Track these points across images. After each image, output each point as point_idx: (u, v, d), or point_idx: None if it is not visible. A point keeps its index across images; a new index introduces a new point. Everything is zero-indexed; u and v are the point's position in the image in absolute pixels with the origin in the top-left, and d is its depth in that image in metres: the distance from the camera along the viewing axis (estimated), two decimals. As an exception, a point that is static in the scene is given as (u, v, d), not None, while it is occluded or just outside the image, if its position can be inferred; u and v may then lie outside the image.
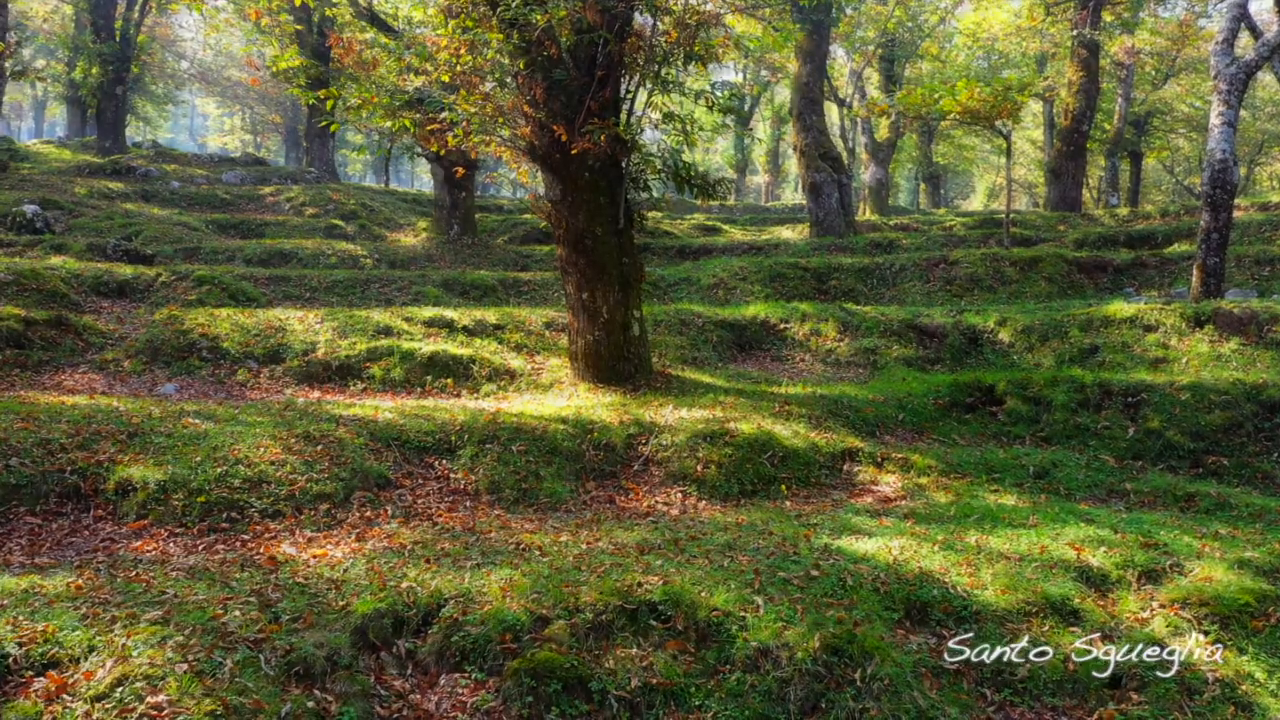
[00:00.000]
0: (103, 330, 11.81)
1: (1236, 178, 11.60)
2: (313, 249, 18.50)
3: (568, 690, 4.35)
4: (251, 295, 14.08)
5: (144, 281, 13.98)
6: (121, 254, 16.79)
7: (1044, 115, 40.69)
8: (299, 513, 6.34)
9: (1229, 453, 8.10)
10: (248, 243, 19.14)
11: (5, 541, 5.75)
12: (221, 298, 13.69)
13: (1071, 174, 25.12)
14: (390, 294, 14.82)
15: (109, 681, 3.87)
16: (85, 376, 10.39)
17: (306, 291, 14.73)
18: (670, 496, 7.49)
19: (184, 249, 18.36)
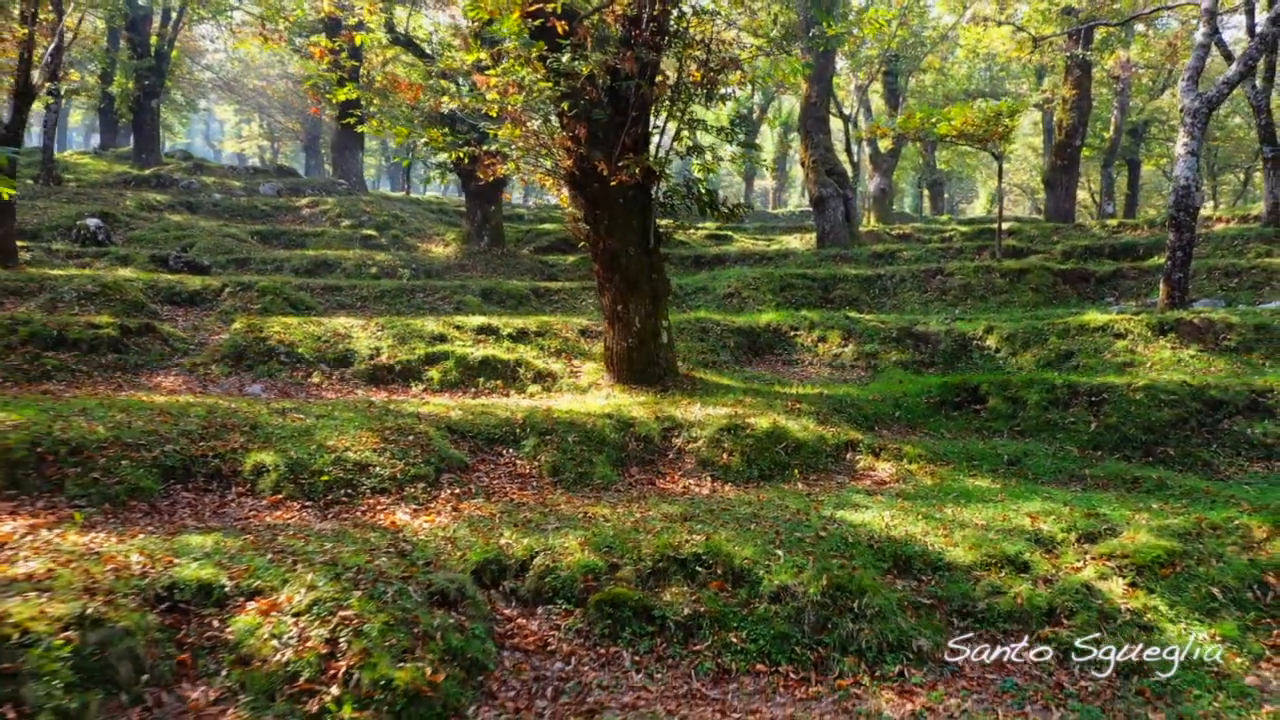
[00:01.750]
0: (183, 337, 13.27)
1: (1198, 201, 12.98)
2: (355, 259, 19.93)
3: (636, 616, 5.78)
4: (309, 304, 15.53)
5: (211, 292, 15.42)
6: (182, 265, 18.27)
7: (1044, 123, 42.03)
8: (401, 490, 7.78)
9: (1175, 444, 9.49)
10: (292, 253, 20.58)
11: (174, 510, 7.19)
12: (283, 306, 15.14)
13: (1065, 186, 26.49)
14: (434, 303, 16.26)
15: (306, 603, 5.30)
16: (179, 378, 11.82)
17: (357, 301, 16.17)
18: (700, 480, 8.92)
19: (235, 259, 19.81)
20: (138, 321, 12.99)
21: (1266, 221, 18.72)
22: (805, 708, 5.17)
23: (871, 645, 5.65)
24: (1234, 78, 13.08)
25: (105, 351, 12.08)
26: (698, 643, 5.69)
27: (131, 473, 7.39)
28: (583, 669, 5.49)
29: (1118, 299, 15.90)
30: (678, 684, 5.40)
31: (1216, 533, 6.80)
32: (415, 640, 5.17)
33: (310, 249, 21.43)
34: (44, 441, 7.45)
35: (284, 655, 4.98)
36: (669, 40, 11.36)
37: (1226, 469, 9.05)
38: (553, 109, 11.15)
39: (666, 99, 11.66)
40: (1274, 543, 6.66)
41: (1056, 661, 5.61)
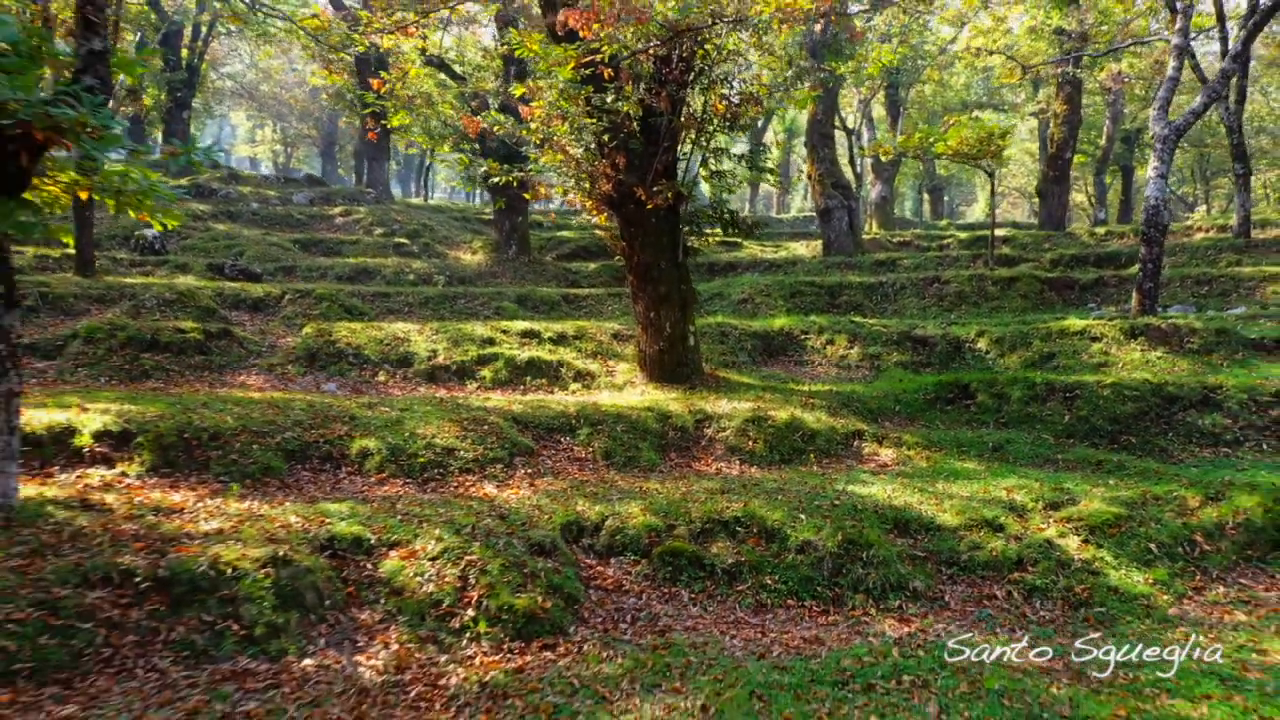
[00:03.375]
0: (255, 340, 14.79)
1: (1167, 219, 14.49)
2: (393, 267, 21.47)
3: (690, 564, 7.33)
4: (363, 310, 17.07)
5: (273, 299, 16.96)
6: (237, 273, 19.81)
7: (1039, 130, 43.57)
8: (483, 469, 9.31)
9: (1136, 433, 11.00)
10: (334, 261, 22.11)
11: (301, 485, 8.72)
12: (339, 312, 16.67)
13: (1056, 196, 28.02)
14: (474, 308, 17.79)
15: (437, 550, 6.83)
16: (260, 377, 13.35)
17: (404, 307, 17.71)
18: (730, 463, 10.45)
19: (282, 267, 21.34)
20: (217, 326, 14.51)
21: (1237, 233, 20.26)
22: (826, 630, 6.70)
23: (877, 585, 7.19)
24: (1199, 108, 14.59)
25: (193, 353, 13.62)
26: (740, 584, 7.23)
27: (262, 455, 8.93)
28: (651, 603, 7.03)
29: (1099, 305, 17.41)
30: (725, 614, 6.94)
31: (1158, 502, 8.34)
32: (526, 578, 6.71)
33: (349, 257, 22.94)
34: (188, 430, 8.99)
35: (427, 588, 6.52)
36: (696, 77, 12.88)
37: (1179, 454, 10.58)
38: (593, 140, 12.65)
39: (693, 130, 13.17)
40: (1204, 510, 8.20)
41: (1022, 598, 7.15)
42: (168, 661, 5.70)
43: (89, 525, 6.84)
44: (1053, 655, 6.01)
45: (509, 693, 5.45)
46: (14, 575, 5.87)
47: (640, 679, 5.67)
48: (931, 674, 5.63)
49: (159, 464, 8.66)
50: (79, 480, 8.32)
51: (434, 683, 5.64)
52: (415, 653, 6.02)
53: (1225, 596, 7.26)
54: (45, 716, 5.05)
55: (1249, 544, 7.87)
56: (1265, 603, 7.13)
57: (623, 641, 6.38)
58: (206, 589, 6.13)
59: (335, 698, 5.38)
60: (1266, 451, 10.42)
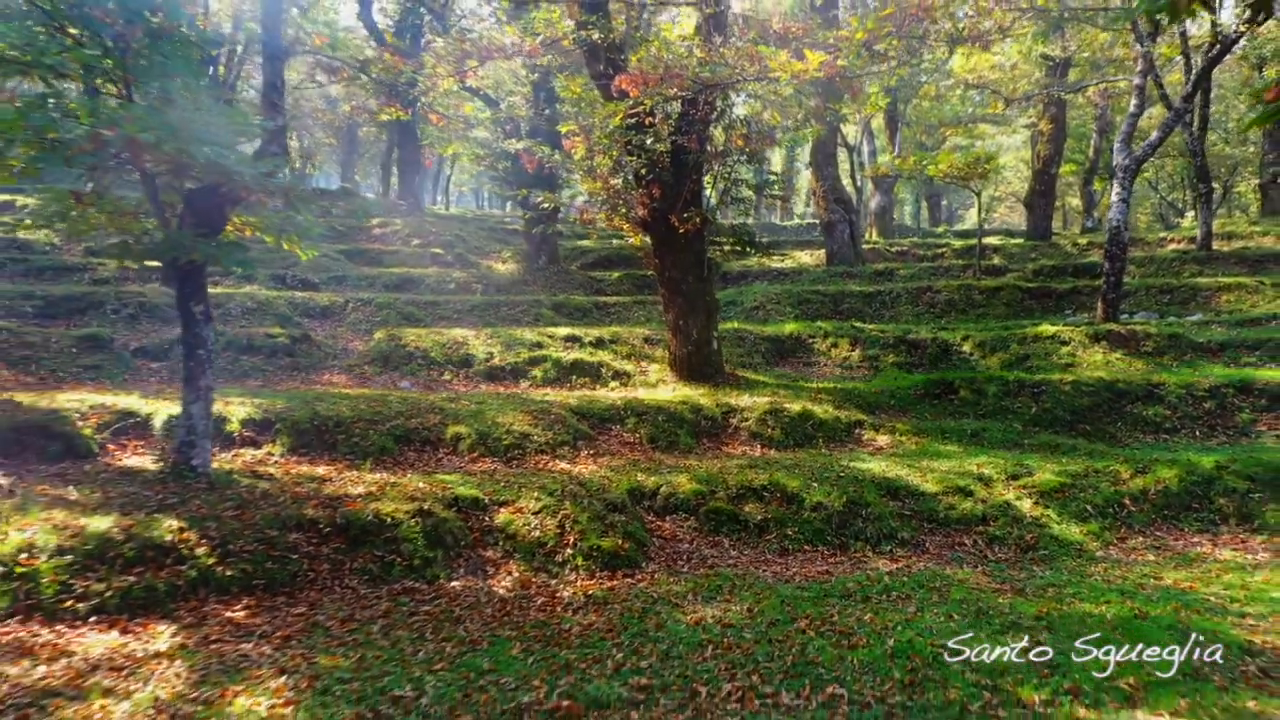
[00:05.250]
0: (329, 344, 16.92)
1: (1126, 238, 16.61)
2: (434, 276, 23.58)
3: (729, 519, 9.47)
4: (419, 317, 19.20)
5: (338, 307, 19.09)
6: (297, 282, 21.93)
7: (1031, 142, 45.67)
8: (554, 450, 11.45)
9: (1091, 422, 13.13)
10: (379, 271, 24.21)
11: (411, 462, 10.85)
12: (397, 319, 18.80)
13: (1042, 208, 30.14)
14: (516, 315, 19.92)
15: (537, 507, 8.97)
16: (342, 376, 15.48)
17: (454, 314, 19.83)
18: (753, 446, 12.59)
19: (334, 276, 23.44)
20: (299, 332, 16.66)
21: (1200, 246, 22.40)
22: (834, 566, 8.85)
23: (873, 535, 9.34)
24: (1156, 141, 16.70)
25: (282, 356, 15.76)
26: (768, 534, 9.38)
27: (377, 438, 11.08)
28: (701, 548, 9.18)
29: (1073, 312, 19.53)
30: (758, 556, 9.09)
31: (1097, 474, 10.49)
32: (606, 527, 8.85)
33: (391, 266, 25.05)
34: (316, 418, 11.14)
35: (534, 534, 8.67)
36: (719, 117, 15.01)
37: (1125, 439, 12.71)
38: (632, 173, 14.77)
39: (715, 162, 15.30)
40: (1134, 480, 10.35)
41: (985, 544, 9.30)
42: (355, 581, 7.86)
43: (270, 488, 9.00)
44: (1002, 581, 8.15)
45: (609, 601, 7.60)
46: (236, 521, 8.02)
47: (700, 594, 7.81)
48: (912, 590, 7.78)
49: (296, 445, 10.82)
50: (236, 458, 10.50)
51: (551, 595, 7.79)
52: (532, 578, 8.18)
53: (1142, 544, 9.42)
54: (284, 614, 7.19)
55: (1166, 506, 10.03)
56: (1171, 548, 9.29)
57: (682, 573, 8.53)
58: (374, 532, 8.29)
59: (484, 605, 7.52)
60: (1198, 437, 12.57)
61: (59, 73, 6.93)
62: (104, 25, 7.46)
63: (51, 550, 7.11)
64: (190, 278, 8.91)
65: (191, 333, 8.92)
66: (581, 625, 7.00)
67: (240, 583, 7.47)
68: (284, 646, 6.45)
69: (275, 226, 9.53)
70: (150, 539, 7.46)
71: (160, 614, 6.96)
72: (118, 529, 7.48)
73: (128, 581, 7.10)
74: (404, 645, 6.50)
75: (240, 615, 7.04)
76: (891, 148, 38.05)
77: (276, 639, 6.60)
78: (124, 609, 6.92)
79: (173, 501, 8.26)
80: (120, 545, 7.33)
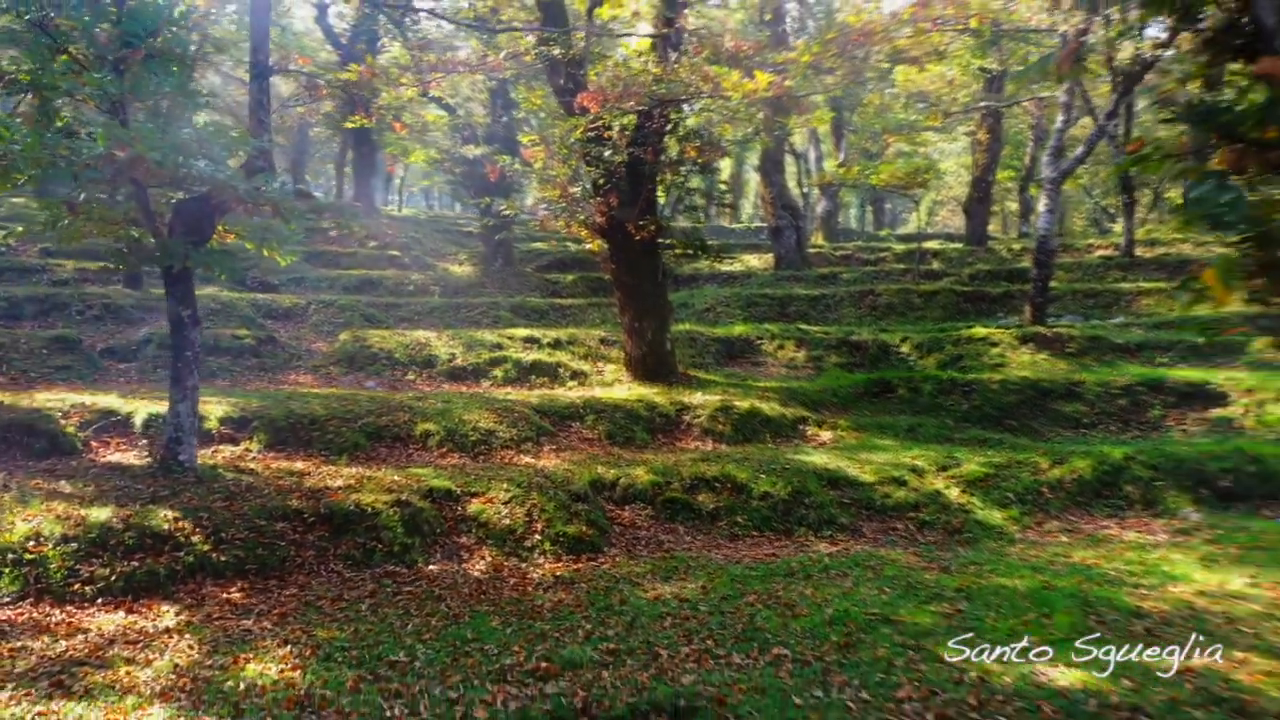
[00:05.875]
0: (293, 345, 17.40)
1: (1053, 247, 17.75)
2: (393, 278, 24.07)
3: (684, 508, 10.27)
4: (379, 318, 19.71)
5: (300, 308, 19.53)
6: (257, 284, 22.26)
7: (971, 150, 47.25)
8: (519, 445, 12.15)
9: (1017, 418, 14.17)
10: (338, 272, 24.60)
11: (383, 457, 11.46)
12: (359, 321, 19.30)
13: (979, 215, 31.46)
14: (475, 317, 20.53)
15: (507, 498, 9.67)
16: (308, 376, 15.98)
17: (414, 315, 20.37)
18: (705, 441, 13.38)
19: (293, 278, 23.75)
20: (264, 333, 17.13)
21: (1123, 253, 23.77)
22: (780, 549, 9.68)
23: (816, 521, 10.20)
24: (1081, 155, 17.86)
25: (248, 356, 16.23)
26: (719, 521, 10.19)
27: (351, 435, 11.68)
28: (657, 534, 9.95)
29: (1005, 315, 20.67)
30: (710, 541, 9.89)
31: (1019, 465, 11.48)
32: (571, 515, 9.59)
33: (350, 269, 25.46)
34: (291, 416, 11.72)
35: (505, 521, 9.38)
36: (672, 129, 15.79)
37: (1047, 433, 13.76)
38: (590, 182, 15.50)
39: (669, 172, 16.08)
40: (1051, 470, 11.35)
41: (916, 529, 10.21)
42: (340, 566, 8.51)
43: (254, 482, 9.59)
44: (930, 560, 9.05)
45: (575, 581, 8.33)
46: (227, 512, 8.62)
47: (658, 574, 8.58)
48: (850, 569, 8.64)
49: (273, 442, 11.39)
50: (216, 454, 11.04)
51: (523, 577, 8.51)
52: (504, 562, 8.89)
53: (1056, 527, 10.40)
54: (277, 595, 7.82)
55: (1079, 493, 11.04)
56: (1082, 531, 10.29)
57: (641, 556, 9.30)
58: (355, 521, 8.93)
59: (461, 585, 8.21)
60: (1113, 431, 13.66)
61: (68, 94, 7.48)
62: (106, 48, 8.02)
63: (57, 538, 7.66)
64: (178, 283, 9.45)
65: (180, 335, 9.47)
66: (552, 601, 7.73)
67: (234, 567, 8.08)
68: (282, 622, 7.08)
69: (257, 234, 10.10)
70: (148, 528, 8.04)
71: (162, 596, 7.55)
72: (117, 519, 8.04)
73: (130, 566, 7.67)
74: (392, 620, 7.18)
75: (237, 596, 7.66)
76: (837, 155, 39.17)
77: (274, 616, 7.23)
78: (128, 591, 7.50)
79: (164, 494, 8.82)
80: (121, 533, 7.90)
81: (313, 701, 5.54)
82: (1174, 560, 8.98)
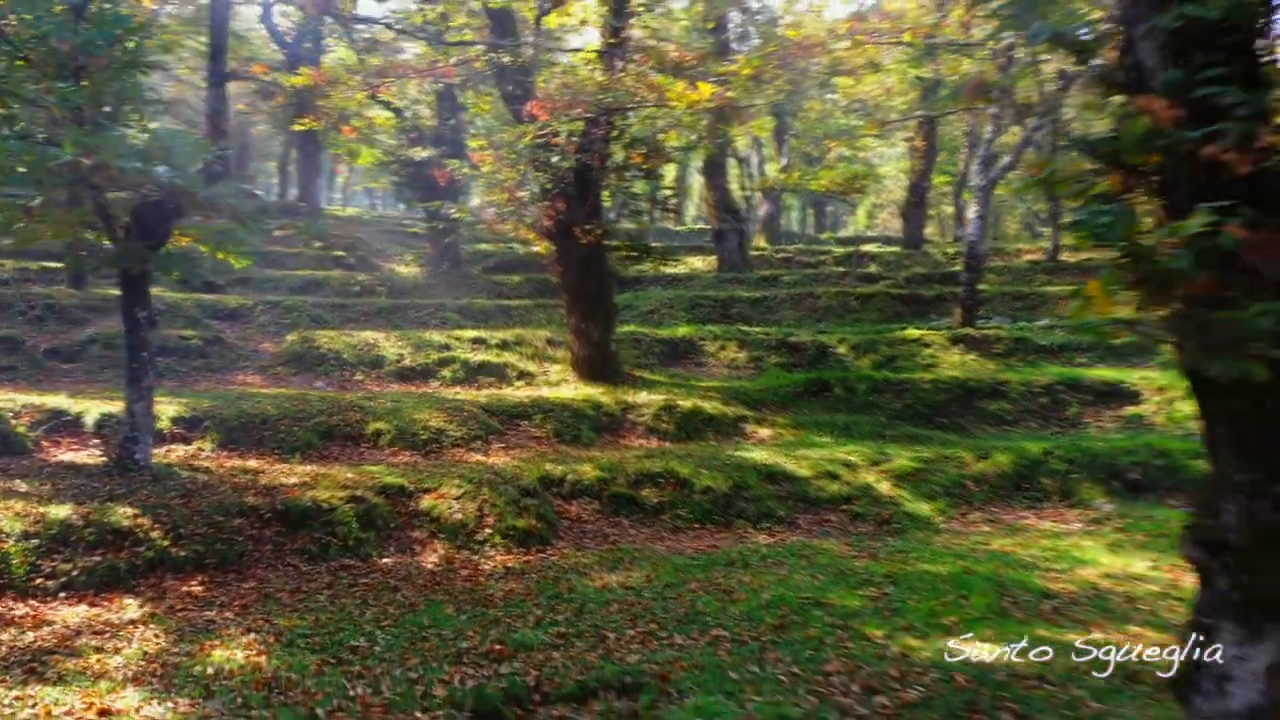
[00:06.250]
0: (240, 345, 17.50)
1: (981, 252, 18.57)
2: (339, 279, 24.13)
3: (629, 502, 10.72)
4: (326, 319, 19.83)
5: (246, 309, 19.59)
6: (202, 285, 22.18)
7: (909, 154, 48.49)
8: (468, 444, 12.49)
9: (946, 416, 14.87)
10: (283, 273, 24.58)
11: (336, 456, 11.73)
12: (307, 321, 19.41)
13: (916, 219, 32.44)
14: (422, 318, 20.73)
15: (459, 494, 10.03)
16: (257, 376, 16.12)
17: (361, 316, 20.52)
18: (649, 439, 13.84)
19: (238, 279, 23.64)
20: (211, 334, 17.21)
21: (1050, 257, 24.82)
22: (720, 540, 10.18)
23: (754, 514, 10.73)
24: (1008, 165, 18.71)
25: (195, 357, 16.33)
26: (663, 515, 10.67)
27: (303, 434, 11.92)
28: (603, 527, 10.39)
29: (938, 317, 21.47)
30: (654, 534, 10.35)
31: (946, 460, 12.14)
32: (521, 509, 9.98)
33: (295, 269, 25.45)
34: (243, 416, 11.93)
35: (457, 516, 9.74)
36: (618, 136, 16.23)
37: (974, 430, 14.48)
38: (539, 187, 15.87)
39: (615, 177, 16.52)
40: (976, 465, 12.03)
41: (848, 520, 10.79)
42: (297, 560, 8.81)
43: (209, 479, 9.84)
44: (861, 549, 9.62)
45: (526, 571, 8.74)
46: (185, 509, 8.87)
47: (604, 565, 9.01)
48: (785, 558, 9.17)
49: (225, 441, 11.60)
50: (170, 453, 11.22)
51: (475, 568, 8.89)
52: (456, 554, 9.26)
53: (979, 518, 11.07)
54: (236, 588, 8.11)
55: (1001, 485, 11.74)
56: (1003, 521, 10.97)
57: (588, 548, 9.73)
58: (311, 517, 9.24)
59: (416, 577, 8.57)
60: (1034, 428, 14.44)
61: (31, 102, 7.68)
62: (68, 57, 8.22)
63: (18, 535, 7.86)
64: (134, 285, 9.65)
65: (135, 336, 9.66)
66: (504, 590, 8.13)
67: (193, 562, 8.34)
68: (244, 613, 7.38)
69: (214, 239, 10.31)
70: (108, 524, 8.26)
71: (124, 590, 7.79)
72: (77, 516, 8.25)
73: (92, 561, 7.90)
74: (351, 609, 7.52)
75: (198, 589, 7.93)
76: (779, 159, 39.95)
77: (235, 608, 7.53)
78: (90, 585, 7.73)
79: (122, 492, 9.03)
80: (81, 530, 8.12)
81: (280, 683, 5.87)
82: (1084, 547, 9.67)
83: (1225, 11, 4.26)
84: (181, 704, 5.46)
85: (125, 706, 5.40)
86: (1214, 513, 4.85)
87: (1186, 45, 4.55)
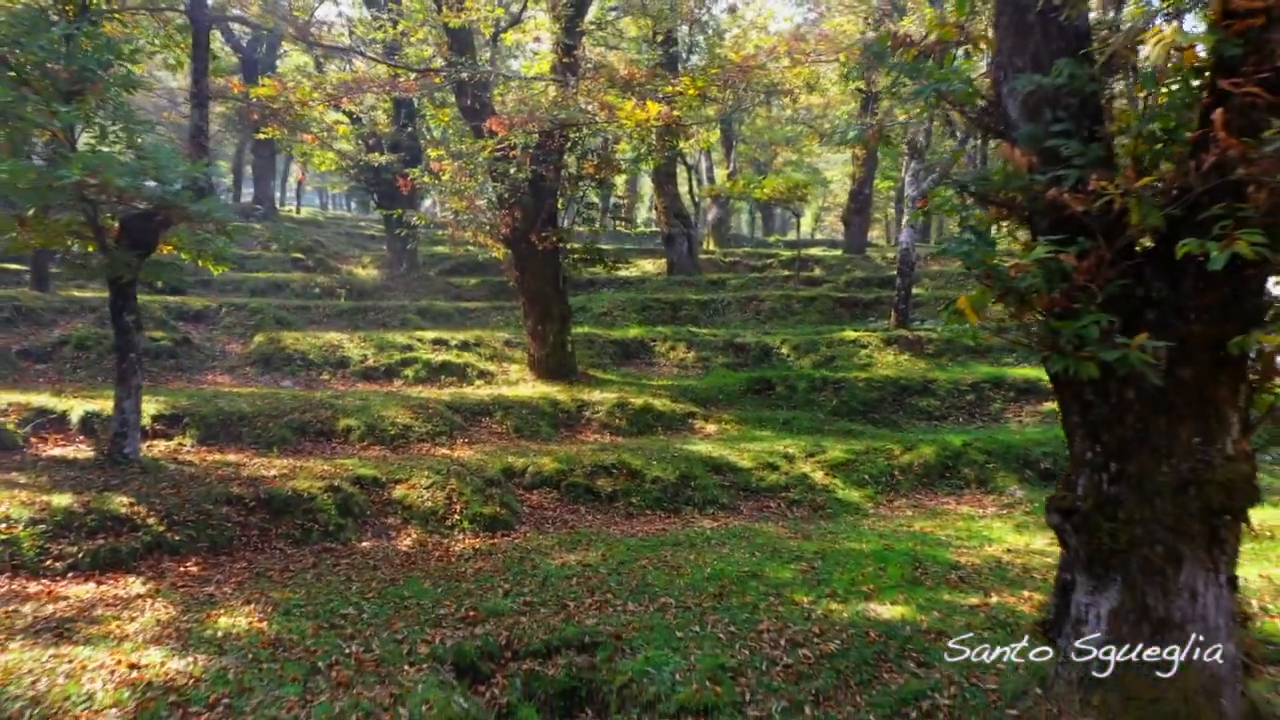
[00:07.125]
0: (207, 346, 18.11)
1: (914, 258, 19.80)
2: (300, 281, 24.72)
3: (586, 492, 11.65)
4: (289, 321, 20.46)
5: (211, 311, 20.14)
6: (166, 287, 22.65)
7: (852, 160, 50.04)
8: (434, 439, 13.32)
9: (879, 412, 16.02)
10: (244, 275, 25.07)
11: (310, 451, 12.50)
12: (271, 323, 20.02)
13: (858, 224, 33.75)
14: (383, 319, 21.46)
15: (429, 484, 10.88)
16: (225, 376, 16.77)
17: (324, 318, 21.20)
18: (603, 434, 14.79)
19: (200, 280, 24.15)
20: (180, 335, 17.79)
21: (981, 263, 26.18)
22: (668, 525, 11.15)
23: (700, 502, 11.73)
24: (938, 179, 19.95)
25: (165, 358, 16.91)
26: (617, 503, 11.61)
27: (278, 430, 12.68)
28: (562, 514, 11.31)
29: (875, 319, 22.69)
30: (609, 520, 11.29)
31: (876, 452, 13.24)
32: (486, 498, 10.86)
33: (255, 272, 25.96)
34: (221, 413, 12.65)
35: (427, 504, 10.60)
36: (571, 148, 17.15)
37: (905, 425, 15.64)
38: (496, 196, 16.73)
39: (570, 187, 17.43)
40: (903, 456, 13.14)
41: (786, 507, 11.83)
42: (282, 544, 9.61)
43: (195, 472, 10.58)
44: (796, 531, 10.66)
45: (493, 552, 9.63)
46: (175, 498, 9.62)
47: (564, 546, 9.93)
48: (727, 539, 10.16)
49: (205, 437, 12.31)
50: (152, 448, 11.91)
51: (446, 550, 9.76)
52: (428, 538, 10.12)
53: (905, 504, 12.18)
54: (229, 568, 8.90)
55: (926, 475, 12.86)
56: (926, 506, 12.09)
57: (549, 532, 10.64)
58: (293, 505, 10.03)
59: (393, 558, 9.42)
60: (960, 423, 15.62)
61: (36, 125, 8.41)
62: (64, 81, 8.95)
63: (26, 520, 8.57)
64: (123, 292, 10.36)
65: (125, 338, 10.38)
66: (474, 568, 9.01)
67: (187, 546, 9.10)
68: (240, 589, 8.19)
69: (194, 247, 11.04)
70: (108, 511, 8.99)
71: (125, 570, 8.54)
72: (78, 504, 8.98)
73: (95, 545, 8.64)
74: (337, 585, 8.36)
75: (194, 569, 8.71)
76: (727, 164, 41.14)
77: (231, 584, 8.33)
78: (95, 566, 8.47)
79: (115, 483, 9.76)
80: (83, 517, 8.84)
81: (283, 643, 6.72)
82: (994, 528, 10.82)
83: (1066, 80, 5.35)
84: (200, 659, 6.28)
85: (150, 662, 6.20)
86: (1071, 487, 5.98)
87: (1040, 104, 5.64)
